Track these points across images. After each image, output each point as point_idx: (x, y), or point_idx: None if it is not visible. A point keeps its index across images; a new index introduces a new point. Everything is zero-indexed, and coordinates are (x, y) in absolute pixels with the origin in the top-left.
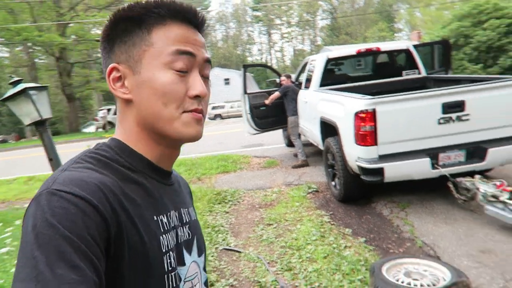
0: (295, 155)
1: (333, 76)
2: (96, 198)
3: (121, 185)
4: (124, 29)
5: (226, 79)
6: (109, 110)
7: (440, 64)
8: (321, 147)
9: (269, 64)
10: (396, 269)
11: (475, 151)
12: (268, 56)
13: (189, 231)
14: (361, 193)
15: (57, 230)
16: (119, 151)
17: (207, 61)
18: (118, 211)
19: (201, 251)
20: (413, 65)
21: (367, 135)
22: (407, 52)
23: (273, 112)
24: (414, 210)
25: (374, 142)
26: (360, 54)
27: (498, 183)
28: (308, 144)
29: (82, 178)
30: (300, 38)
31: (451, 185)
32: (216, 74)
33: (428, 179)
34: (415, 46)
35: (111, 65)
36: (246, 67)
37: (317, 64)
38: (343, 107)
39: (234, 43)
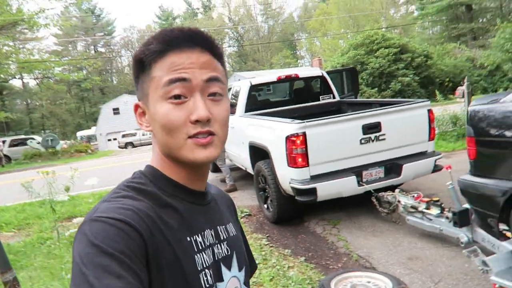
0: (223, 181)
1: (256, 101)
2: (134, 220)
3: (156, 210)
4: (138, 68)
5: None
6: (4, 142)
7: (349, 89)
8: (250, 171)
9: None
10: (343, 283)
11: (392, 167)
12: None
13: (227, 247)
14: (294, 213)
15: (100, 248)
16: (151, 178)
17: (209, 80)
18: (154, 233)
19: (242, 265)
20: (327, 90)
21: (299, 157)
22: (321, 78)
23: None
24: (345, 226)
25: (306, 164)
26: (280, 81)
27: (415, 195)
28: (234, 168)
29: (120, 206)
30: None
31: (374, 200)
32: (125, 101)
33: (354, 196)
34: (328, 73)
35: (134, 103)
36: None
37: (241, 91)
38: (273, 131)
39: None
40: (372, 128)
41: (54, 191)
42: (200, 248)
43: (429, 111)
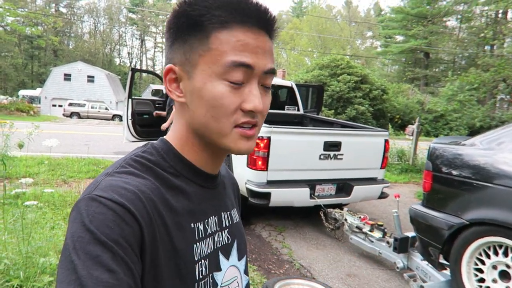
0: None
1: None
2: (134, 205)
3: (162, 191)
4: (185, 26)
5: (90, 77)
6: None
7: (313, 105)
8: None
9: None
10: None
11: (344, 186)
12: (138, 62)
13: (228, 235)
14: (242, 214)
15: (94, 235)
16: (164, 154)
17: (269, 71)
18: (154, 220)
19: (242, 254)
20: (293, 102)
21: (259, 160)
22: (290, 89)
23: (156, 123)
24: (290, 235)
25: (265, 168)
26: None
27: (362, 216)
28: None
29: (123, 185)
30: None
31: (322, 214)
32: (79, 69)
33: (302, 207)
34: (297, 85)
35: (168, 66)
36: (134, 71)
37: None
38: None
39: (102, 40)
40: (333, 146)
41: (7, 146)
42: (202, 236)
43: (386, 141)
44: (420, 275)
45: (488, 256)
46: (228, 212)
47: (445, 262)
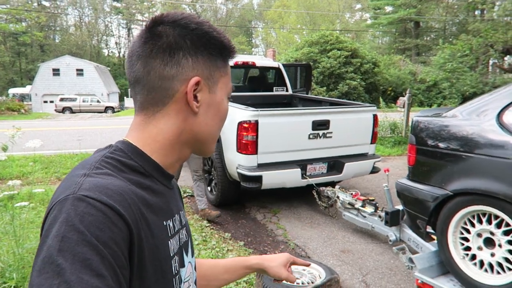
0: None
1: None
2: (122, 207)
3: (138, 192)
4: (219, 52)
5: (79, 70)
6: None
7: (302, 84)
8: None
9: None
10: None
11: (335, 164)
12: (127, 52)
13: (186, 233)
14: (237, 198)
15: (83, 236)
16: (132, 155)
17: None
18: (138, 220)
19: (193, 251)
20: (281, 82)
21: (249, 144)
22: (277, 70)
23: None
24: (284, 216)
25: (255, 151)
26: (236, 66)
27: (353, 192)
28: None
29: (107, 185)
30: None
31: (315, 193)
32: (67, 63)
33: (295, 187)
34: (284, 65)
35: (196, 78)
36: None
37: None
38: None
39: (89, 32)
40: (321, 125)
41: None
42: (172, 233)
43: (375, 116)
44: (412, 246)
45: (473, 225)
46: (182, 212)
47: (432, 231)
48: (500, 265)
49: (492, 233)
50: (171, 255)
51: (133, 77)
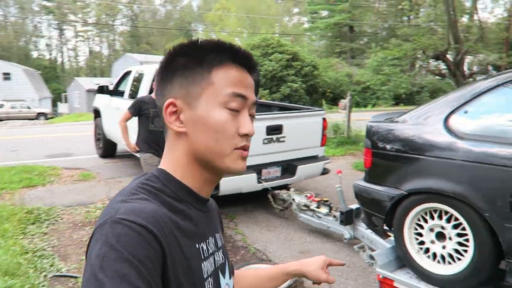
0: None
1: None
2: (156, 228)
3: (171, 216)
4: (184, 64)
5: (6, 74)
6: None
7: None
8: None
9: (59, 63)
10: None
11: (288, 167)
12: (59, 54)
13: (222, 255)
14: None
15: (121, 254)
16: (165, 182)
17: (255, 103)
18: (171, 241)
19: (231, 273)
20: None
21: None
22: None
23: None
24: (241, 220)
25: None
26: None
27: (308, 194)
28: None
29: (142, 209)
30: (98, 39)
31: (270, 197)
32: None
33: (250, 192)
34: None
35: (169, 101)
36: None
37: (145, 76)
38: None
39: (15, 32)
40: (275, 130)
41: None
42: (206, 255)
43: (323, 119)
44: (366, 243)
45: (426, 221)
46: (218, 234)
47: (388, 229)
48: (450, 256)
49: (443, 228)
50: (205, 277)
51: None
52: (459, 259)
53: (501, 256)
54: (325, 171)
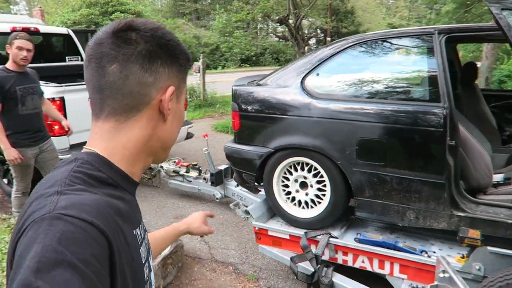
0: None
1: None
2: (101, 222)
3: (112, 203)
4: (182, 58)
5: None
6: None
7: None
8: None
9: None
10: None
11: None
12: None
13: (148, 239)
14: None
15: (63, 256)
16: (100, 167)
17: None
18: (116, 233)
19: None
20: (74, 51)
21: (55, 125)
22: (67, 37)
23: None
24: None
25: (65, 132)
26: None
27: (176, 160)
28: None
29: (83, 201)
30: None
31: None
32: None
33: None
34: (74, 32)
35: (173, 88)
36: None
37: None
38: None
39: None
40: None
41: None
42: (140, 241)
43: None
44: (236, 199)
45: (291, 173)
46: (143, 220)
47: (257, 184)
48: (312, 201)
49: (305, 178)
50: (143, 262)
51: (103, 81)
52: (319, 202)
53: (350, 195)
54: (189, 135)
